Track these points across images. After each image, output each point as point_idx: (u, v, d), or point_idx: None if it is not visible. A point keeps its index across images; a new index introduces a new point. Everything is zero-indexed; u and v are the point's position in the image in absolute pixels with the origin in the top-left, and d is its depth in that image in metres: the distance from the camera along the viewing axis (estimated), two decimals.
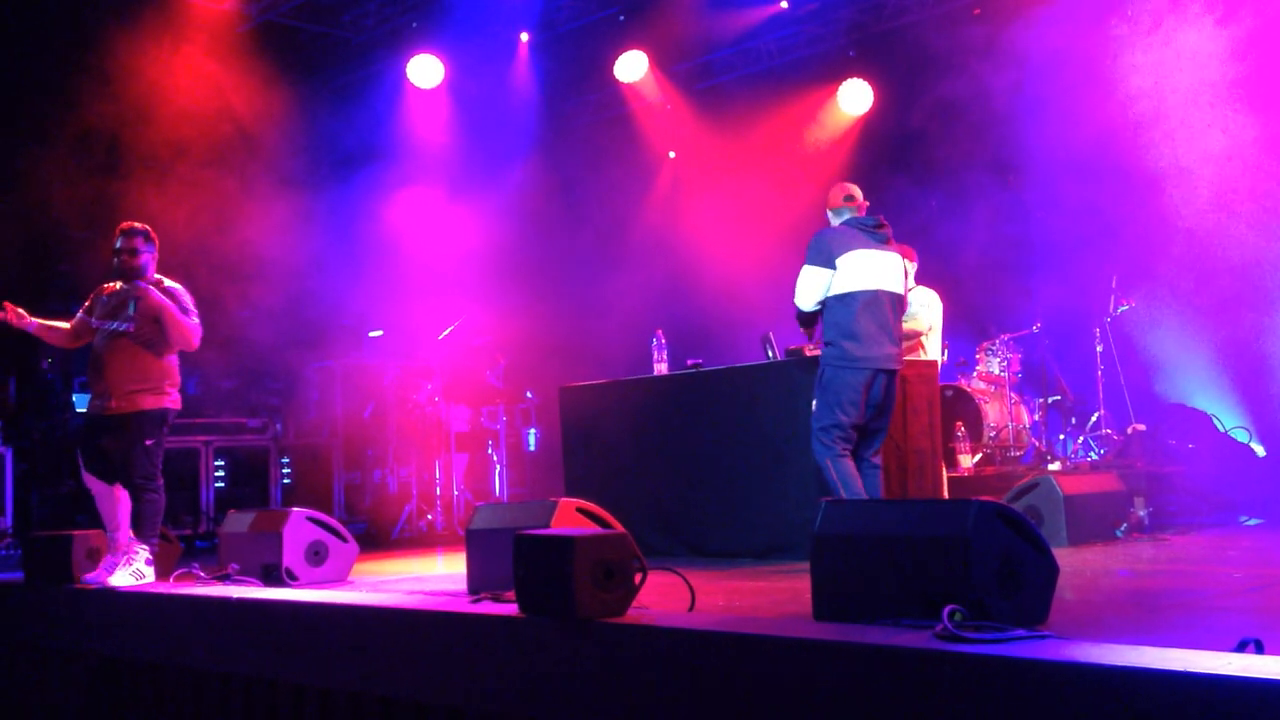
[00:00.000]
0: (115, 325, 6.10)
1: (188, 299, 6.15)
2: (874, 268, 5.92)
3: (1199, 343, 9.71)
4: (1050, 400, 10.03)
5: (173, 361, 6.17)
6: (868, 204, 6.20)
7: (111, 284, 6.25)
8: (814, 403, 5.96)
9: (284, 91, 10.48)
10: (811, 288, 5.89)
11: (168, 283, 6.17)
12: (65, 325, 6.32)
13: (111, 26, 9.26)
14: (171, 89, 9.46)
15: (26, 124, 9.69)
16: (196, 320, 6.11)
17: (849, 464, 5.83)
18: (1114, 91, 9.18)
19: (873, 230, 6.01)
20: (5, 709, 6.56)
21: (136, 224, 6.21)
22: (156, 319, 6.03)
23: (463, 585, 5.44)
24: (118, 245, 6.13)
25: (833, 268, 5.87)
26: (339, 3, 11.17)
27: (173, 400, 6.15)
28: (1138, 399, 9.65)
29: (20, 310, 6.15)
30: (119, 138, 9.52)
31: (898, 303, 6.03)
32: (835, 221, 6.15)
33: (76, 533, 6.42)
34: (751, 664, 3.29)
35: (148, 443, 5.98)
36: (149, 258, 6.16)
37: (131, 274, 6.09)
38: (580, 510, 5.20)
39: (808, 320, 6.10)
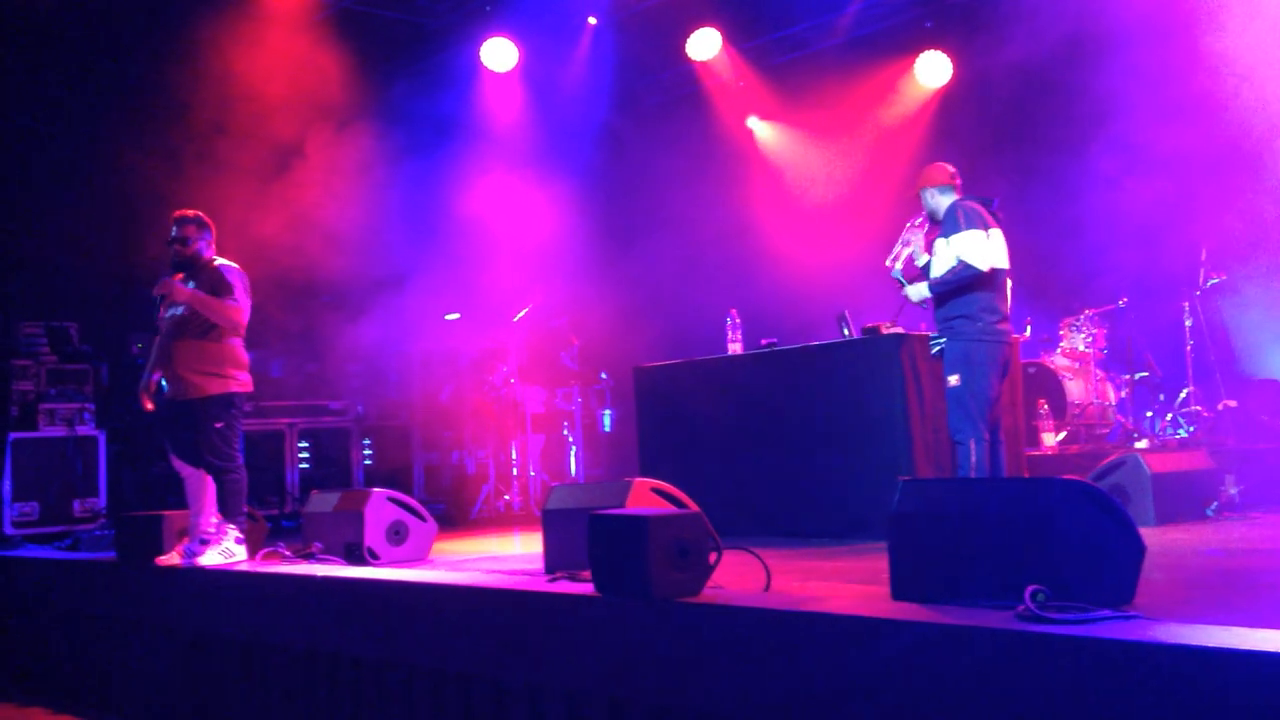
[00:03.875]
0: (173, 311, 6.18)
1: (235, 278, 6.12)
2: (1003, 246, 5.96)
3: None
4: (1137, 376, 9.78)
5: (234, 344, 6.18)
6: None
7: (177, 275, 6.29)
8: (954, 378, 5.81)
9: (361, 78, 10.60)
10: (990, 250, 5.80)
11: (219, 262, 6.20)
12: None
13: (196, 14, 9.44)
14: (252, 75, 9.61)
15: (119, 111, 9.93)
16: (236, 300, 6.06)
17: (987, 449, 5.79)
18: (1204, 56, 8.88)
19: (992, 211, 6.01)
20: (98, 684, 6.77)
21: (188, 212, 6.26)
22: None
23: (539, 565, 5.48)
24: (172, 234, 6.20)
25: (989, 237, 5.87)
26: None
27: (240, 384, 6.16)
28: (1228, 375, 9.37)
29: (147, 398, 6.28)
30: (201, 124, 9.70)
31: None
32: (942, 199, 6.08)
33: (167, 513, 6.59)
34: (828, 644, 3.26)
35: (217, 425, 6.04)
36: (203, 244, 6.22)
37: (186, 262, 6.16)
38: (655, 490, 5.19)
39: (949, 287, 5.90)
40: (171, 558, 6.17)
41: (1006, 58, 9.96)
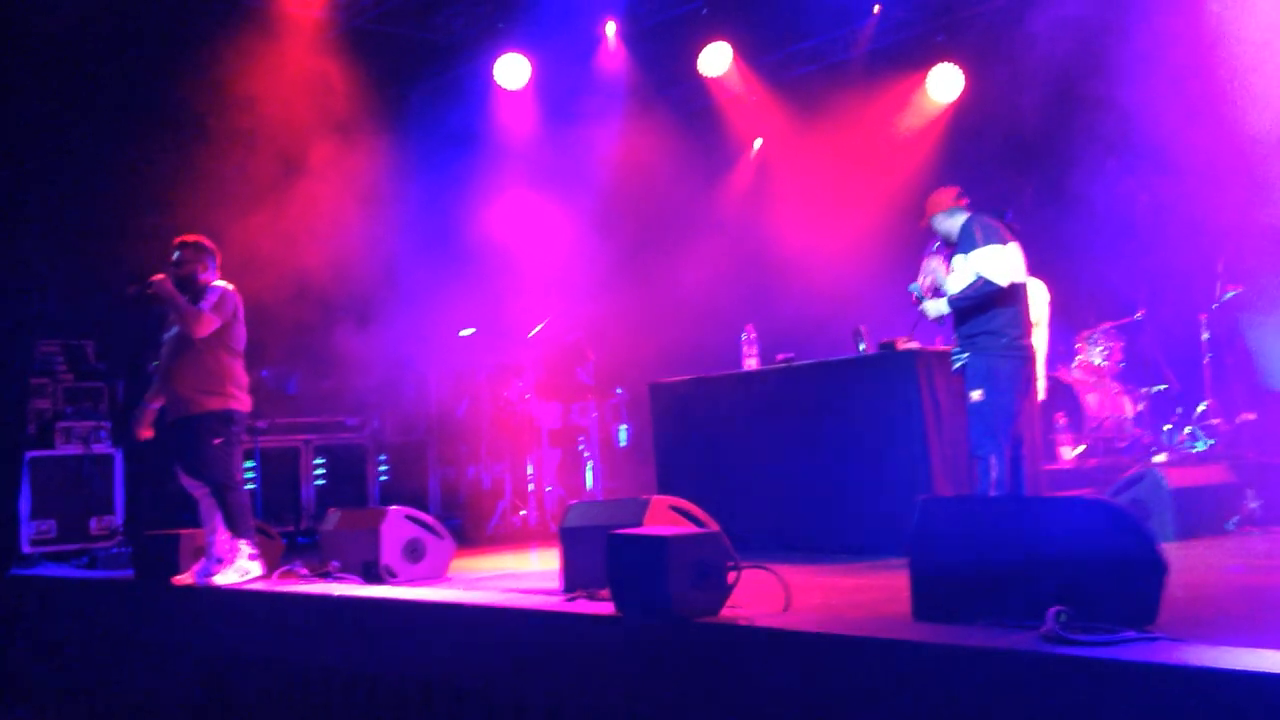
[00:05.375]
0: (172, 332, 6.27)
1: (214, 294, 6.16)
2: (1021, 259, 5.89)
3: None
4: (1154, 389, 9.74)
5: (233, 364, 6.25)
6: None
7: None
8: (977, 394, 5.71)
9: (376, 94, 10.64)
10: (1009, 264, 5.72)
11: (216, 283, 6.28)
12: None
13: (213, 32, 9.50)
14: (269, 93, 9.65)
15: (136, 129, 9.97)
16: (200, 310, 6.06)
17: (1007, 465, 5.73)
18: (1222, 67, 8.84)
19: (1007, 223, 5.94)
20: (115, 702, 6.78)
21: (187, 236, 6.39)
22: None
23: (557, 582, 5.47)
24: (172, 259, 6.32)
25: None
26: (426, 6, 11.29)
27: (239, 402, 6.22)
28: (1247, 387, 9.31)
29: (143, 427, 6.39)
30: (218, 142, 9.74)
31: None
32: (953, 221, 5.99)
33: (184, 531, 6.61)
34: (849, 665, 3.25)
35: (215, 442, 6.10)
36: (197, 266, 6.31)
37: (182, 282, 6.24)
38: (673, 508, 5.18)
39: (970, 305, 5.82)
40: (187, 577, 6.19)
41: (1019, 70, 9.94)
